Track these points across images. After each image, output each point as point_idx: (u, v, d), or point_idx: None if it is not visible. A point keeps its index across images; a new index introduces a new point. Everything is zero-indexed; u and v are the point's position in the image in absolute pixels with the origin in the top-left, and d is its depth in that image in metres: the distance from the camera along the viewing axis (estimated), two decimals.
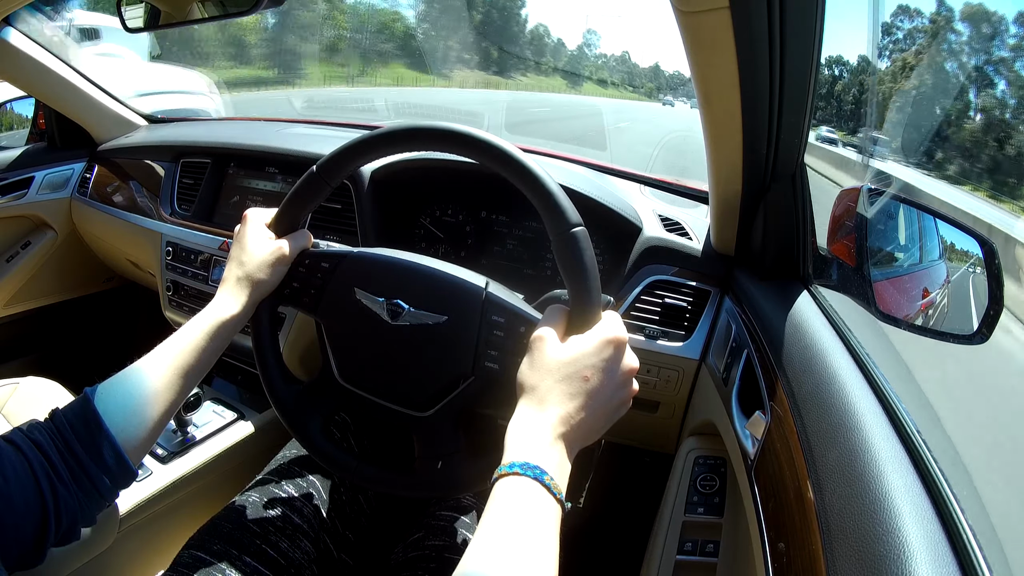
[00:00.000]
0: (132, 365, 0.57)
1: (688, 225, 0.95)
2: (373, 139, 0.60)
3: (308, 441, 0.64)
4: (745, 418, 0.64)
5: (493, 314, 0.58)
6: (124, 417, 0.53)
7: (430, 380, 0.60)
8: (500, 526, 0.41)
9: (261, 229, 0.64)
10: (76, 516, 0.50)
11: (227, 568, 0.63)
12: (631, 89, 36.80)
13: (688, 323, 0.87)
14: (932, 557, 0.33)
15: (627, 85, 38.18)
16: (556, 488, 0.43)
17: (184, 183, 1.30)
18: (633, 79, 42.85)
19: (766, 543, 0.49)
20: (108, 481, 0.52)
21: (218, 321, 0.60)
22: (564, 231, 0.52)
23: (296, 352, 1.10)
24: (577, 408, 0.47)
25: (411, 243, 1.10)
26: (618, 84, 37.89)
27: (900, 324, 0.58)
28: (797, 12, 0.50)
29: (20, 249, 1.51)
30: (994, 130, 1.08)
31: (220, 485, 0.98)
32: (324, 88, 14.85)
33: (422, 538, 0.72)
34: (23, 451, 0.48)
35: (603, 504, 1.31)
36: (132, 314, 1.82)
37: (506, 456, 0.45)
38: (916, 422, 0.44)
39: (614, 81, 38.75)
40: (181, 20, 0.85)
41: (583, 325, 0.51)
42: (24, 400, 1.04)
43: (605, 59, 49.26)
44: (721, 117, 0.61)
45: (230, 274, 0.62)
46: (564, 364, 0.48)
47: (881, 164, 1.27)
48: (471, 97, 16.62)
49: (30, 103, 1.57)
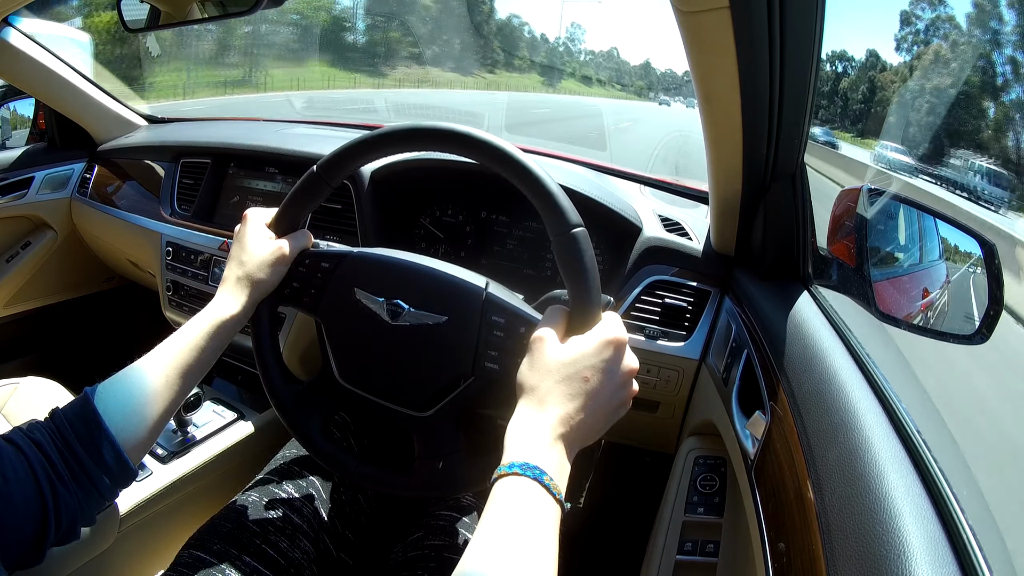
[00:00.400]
0: (132, 365, 0.57)
1: (688, 225, 0.95)
2: (373, 139, 0.60)
3: (308, 441, 0.64)
4: (745, 418, 0.64)
5: (493, 314, 0.58)
6: (124, 417, 0.53)
7: (430, 380, 0.60)
8: (499, 526, 0.41)
9: (261, 229, 0.64)
10: (76, 516, 0.50)
11: (227, 568, 0.63)
12: (619, 87, 35.88)
13: (688, 323, 0.87)
14: (932, 557, 0.33)
15: (614, 83, 37.23)
16: (555, 488, 0.43)
17: (184, 183, 1.30)
18: (621, 76, 41.70)
19: (766, 543, 0.49)
20: (108, 481, 0.52)
21: (218, 321, 0.59)
22: (564, 231, 0.52)
23: (296, 352, 1.10)
24: (577, 409, 0.47)
25: (411, 243, 1.10)
26: (604, 82, 36.70)
27: (900, 324, 0.58)
28: (797, 12, 0.50)
29: (20, 249, 1.51)
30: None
31: (220, 485, 0.98)
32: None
33: (421, 538, 0.72)
34: (23, 450, 0.48)
35: (603, 504, 1.31)
36: (132, 314, 1.82)
37: (506, 456, 0.45)
38: (916, 422, 0.44)
39: (600, 78, 37.21)
40: (181, 20, 0.85)
41: (583, 326, 0.51)
42: (24, 400, 1.04)
43: (591, 55, 47.61)
44: (721, 117, 0.61)
45: (230, 274, 0.62)
46: (564, 365, 0.48)
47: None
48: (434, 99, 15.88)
49: (30, 103, 1.57)
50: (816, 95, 0.60)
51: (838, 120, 2.06)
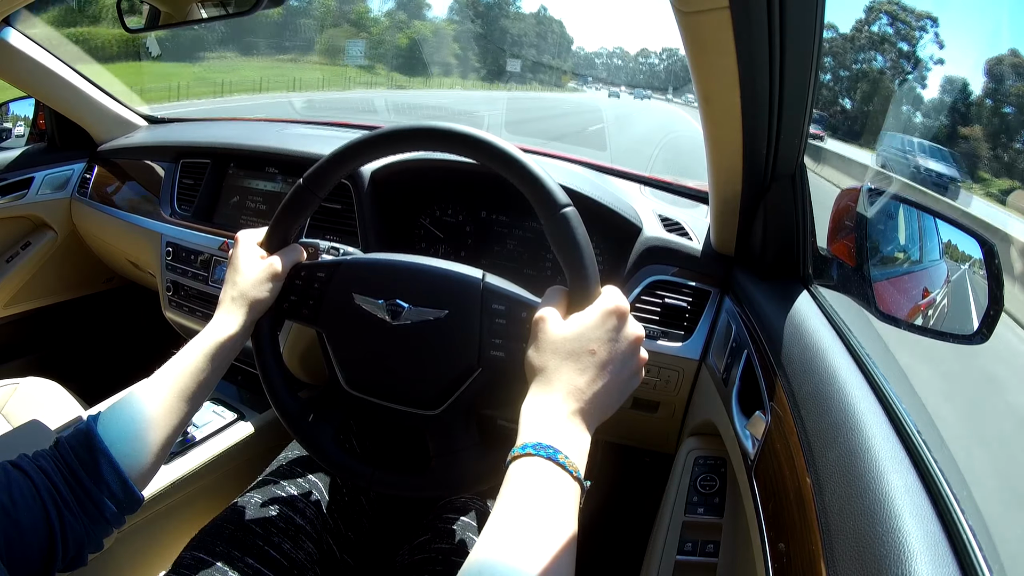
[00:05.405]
0: (132, 390, 0.57)
1: (688, 225, 0.95)
2: (352, 148, 0.60)
3: (322, 454, 0.64)
4: (745, 418, 0.64)
5: (493, 303, 0.58)
6: (127, 443, 0.53)
7: (437, 376, 0.60)
8: (514, 509, 0.40)
9: (252, 248, 0.65)
10: (83, 542, 0.50)
11: (229, 569, 0.63)
12: (539, 81, 34.42)
13: (688, 323, 0.87)
14: (932, 557, 0.33)
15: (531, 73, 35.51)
16: (572, 466, 0.42)
17: (184, 183, 1.30)
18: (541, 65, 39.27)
19: (766, 543, 0.49)
20: (114, 507, 0.52)
21: (217, 342, 0.59)
22: (554, 212, 0.53)
23: (296, 352, 1.10)
24: (588, 382, 0.47)
25: (411, 243, 1.10)
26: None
27: (900, 324, 0.58)
28: (797, 12, 0.50)
29: (20, 249, 1.51)
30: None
31: (220, 485, 0.98)
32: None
33: (428, 541, 0.72)
34: (30, 476, 0.48)
35: (603, 504, 1.31)
36: (132, 314, 1.82)
37: (520, 438, 0.44)
38: (916, 422, 0.44)
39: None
40: (181, 20, 0.85)
41: (584, 301, 0.51)
42: (24, 400, 1.04)
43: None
44: (721, 117, 0.61)
45: (225, 295, 0.62)
46: (569, 340, 0.48)
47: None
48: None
49: (30, 103, 1.57)
50: (816, 95, 0.60)
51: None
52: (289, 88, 12.93)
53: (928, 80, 6.08)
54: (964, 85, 2.52)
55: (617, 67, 63.89)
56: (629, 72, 60.76)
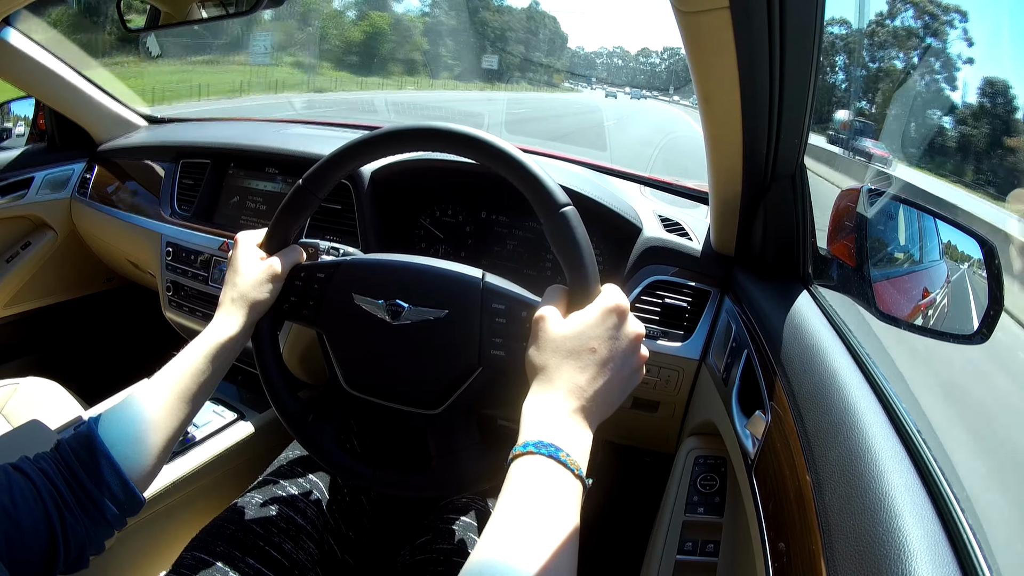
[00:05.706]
0: (133, 392, 0.57)
1: (688, 225, 0.95)
2: (352, 148, 0.60)
3: (323, 454, 0.64)
4: (745, 418, 0.64)
5: (493, 302, 0.58)
6: (127, 444, 0.53)
7: (438, 376, 0.60)
8: (516, 507, 0.40)
9: (252, 250, 0.65)
10: (84, 544, 0.50)
11: (229, 570, 0.63)
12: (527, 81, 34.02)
13: (688, 323, 0.87)
14: (932, 557, 0.33)
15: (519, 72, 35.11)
16: (573, 464, 0.42)
17: (184, 183, 1.30)
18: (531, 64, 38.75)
19: (766, 543, 0.49)
20: (115, 509, 0.52)
21: (217, 343, 0.59)
22: (554, 212, 0.53)
23: (296, 353, 1.10)
24: (589, 380, 0.47)
25: (411, 243, 1.10)
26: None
27: (900, 324, 0.58)
28: (797, 12, 0.50)
29: (20, 249, 1.51)
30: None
31: (220, 485, 0.98)
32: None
33: (429, 541, 0.72)
34: (31, 478, 0.48)
35: (603, 504, 1.31)
36: (132, 314, 1.82)
37: (521, 436, 0.44)
38: (916, 422, 0.44)
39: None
40: (181, 20, 0.85)
41: (583, 299, 0.51)
42: (24, 400, 1.04)
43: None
44: (721, 117, 0.61)
45: (225, 297, 0.63)
46: (569, 339, 0.48)
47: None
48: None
49: (30, 103, 1.57)
50: (816, 95, 0.60)
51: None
52: (194, 96, 12.01)
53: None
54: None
55: (617, 67, 63.98)
56: (630, 72, 60.83)
